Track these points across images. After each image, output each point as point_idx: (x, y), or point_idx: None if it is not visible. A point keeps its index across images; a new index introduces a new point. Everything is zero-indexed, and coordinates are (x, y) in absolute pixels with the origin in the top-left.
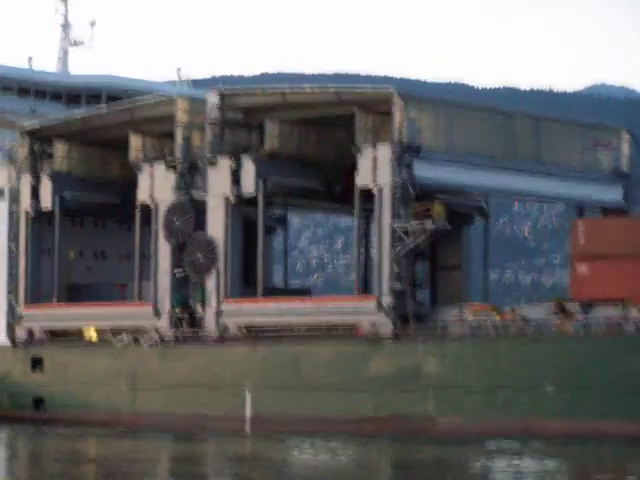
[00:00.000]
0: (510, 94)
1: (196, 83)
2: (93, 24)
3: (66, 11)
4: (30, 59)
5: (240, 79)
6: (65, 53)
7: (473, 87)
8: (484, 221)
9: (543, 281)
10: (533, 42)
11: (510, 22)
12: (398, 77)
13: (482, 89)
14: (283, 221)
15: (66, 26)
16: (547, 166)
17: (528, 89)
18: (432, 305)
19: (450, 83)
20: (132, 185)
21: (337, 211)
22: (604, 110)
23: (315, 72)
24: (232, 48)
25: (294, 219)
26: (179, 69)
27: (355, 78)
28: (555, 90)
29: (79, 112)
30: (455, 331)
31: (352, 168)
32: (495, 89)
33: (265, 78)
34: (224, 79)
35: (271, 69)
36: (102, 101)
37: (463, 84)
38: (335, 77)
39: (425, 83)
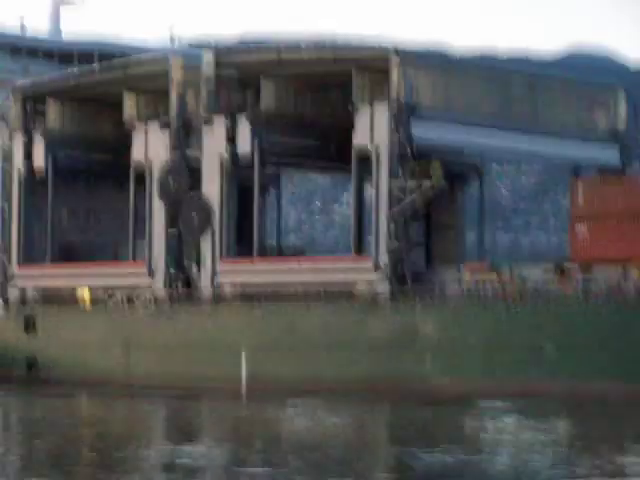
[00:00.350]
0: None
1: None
2: None
3: None
4: (22, 18)
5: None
6: (57, 12)
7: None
8: (478, 180)
9: (521, 241)
10: (510, 4)
11: None
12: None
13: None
14: (276, 181)
15: None
16: (543, 125)
17: (506, 57)
18: (427, 265)
19: (427, 48)
20: (125, 144)
21: (332, 170)
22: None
23: (295, 35)
24: (210, 8)
25: None
26: (172, 27)
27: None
28: (534, 58)
29: (72, 70)
30: (453, 291)
31: (348, 128)
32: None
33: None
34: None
35: (250, 30)
36: (95, 60)
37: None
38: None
39: (401, 45)
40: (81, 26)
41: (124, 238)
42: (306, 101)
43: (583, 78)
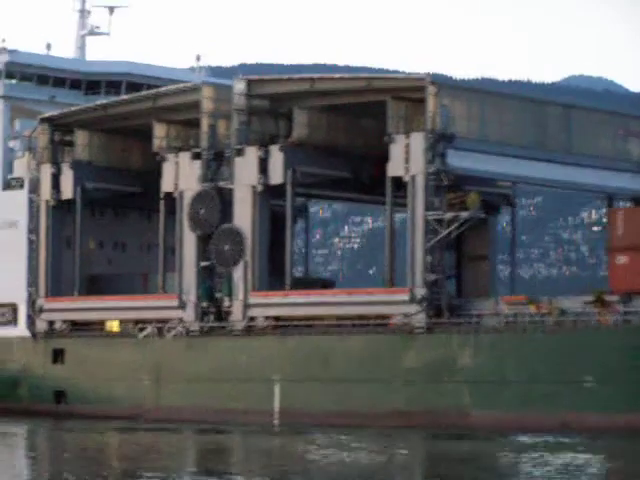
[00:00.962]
0: (489, 85)
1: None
2: (111, 11)
3: None
4: (49, 46)
5: (217, 69)
6: (82, 40)
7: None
8: (511, 210)
9: (521, 274)
10: (511, 34)
11: (487, 15)
12: (376, 68)
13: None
14: (304, 211)
15: (84, 12)
16: (577, 155)
17: (507, 80)
18: (457, 296)
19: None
20: (153, 174)
21: (364, 201)
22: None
23: (294, 62)
24: (211, 37)
25: None
26: (199, 56)
27: (334, 69)
28: (534, 81)
29: (101, 100)
30: (490, 323)
31: (380, 157)
32: (474, 80)
33: (244, 68)
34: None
35: (250, 60)
36: (122, 89)
37: (442, 75)
38: (314, 67)
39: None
40: (106, 55)
41: (152, 270)
42: (338, 131)
43: (617, 108)
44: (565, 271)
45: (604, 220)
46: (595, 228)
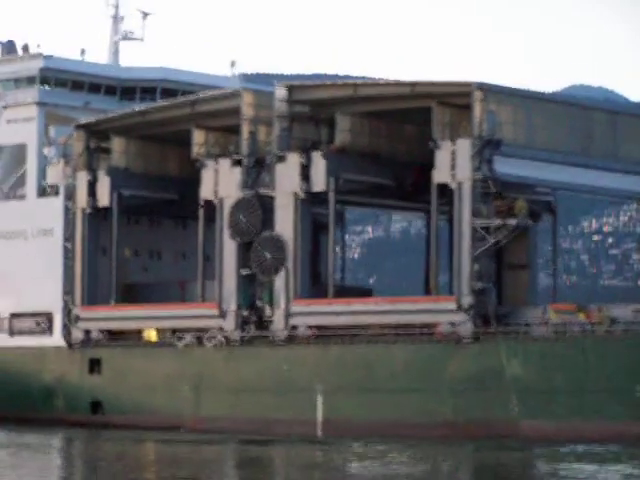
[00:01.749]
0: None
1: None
2: (145, 16)
3: (117, 3)
4: (83, 51)
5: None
6: (116, 46)
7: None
8: (552, 218)
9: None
10: (510, 42)
11: (485, 23)
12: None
13: None
14: (340, 219)
15: (117, 18)
16: (623, 162)
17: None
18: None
19: None
20: (189, 181)
21: (404, 208)
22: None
23: (293, 72)
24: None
25: None
26: (233, 62)
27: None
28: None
29: (135, 106)
30: (539, 331)
31: (423, 164)
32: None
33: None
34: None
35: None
36: (157, 95)
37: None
38: (314, 77)
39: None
40: (139, 61)
41: (188, 278)
42: (380, 137)
43: None
44: (565, 280)
45: (604, 229)
46: (595, 237)
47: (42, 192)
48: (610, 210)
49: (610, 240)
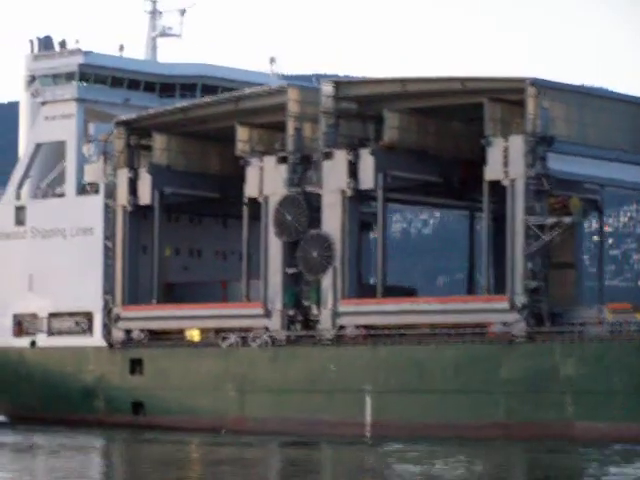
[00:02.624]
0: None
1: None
2: (183, 12)
3: None
4: (121, 47)
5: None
6: (154, 42)
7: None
8: (598, 216)
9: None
10: (512, 45)
11: (484, 22)
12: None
13: None
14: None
15: (155, 14)
16: None
17: None
18: None
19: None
20: (230, 179)
21: (452, 207)
22: None
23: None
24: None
25: None
26: (272, 59)
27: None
28: None
29: (175, 103)
30: (594, 331)
31: (470, 161)
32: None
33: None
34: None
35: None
36: (197, 92)
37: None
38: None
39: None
40: (176, 57)
41: (229, 277)
42: (428, 133)
43: None
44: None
45: (605, 229)
46: (595, 238)
47: (81, 190)
48: (610, 211)
49: (610, 241)
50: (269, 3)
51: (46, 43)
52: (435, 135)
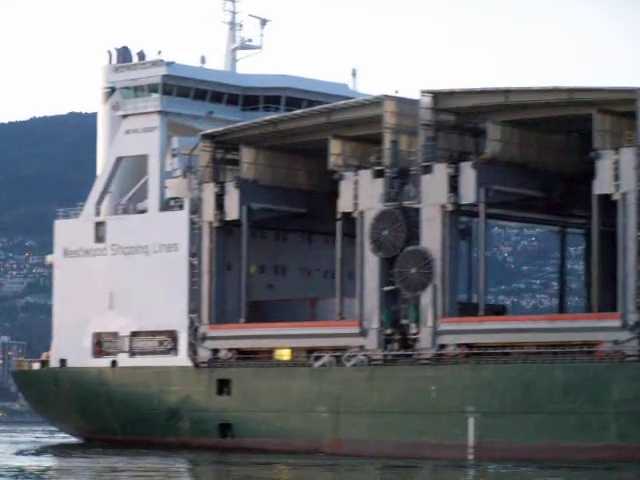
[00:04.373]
0: None
1: None
2: (263, 23)
3: (234, 9)
4: (203, 59)
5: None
6: (233, 54)
7: None
8: None
9: (523, 304)
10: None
11: (484, 29)
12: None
13: None
14: (468, 232)
15: (234, 25)
16: None
17: None
18: None
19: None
20: (317, 194)
21: (548, 222)
22: None
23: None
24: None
25: None
26: (354, 71)
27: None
28: None
29: (263, 116)
30: None
31: (571, 175)
32: None
33: None
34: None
35: None
36: (281, 105)
37: None
38: None
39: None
40: (257, 69)
41: (314, 295)
42: (529, 146)
43: None
44: (567, 301)
45: None
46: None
47: (164, 205)
48: None
49: None
50: (346, 16)
51: (124, 54)
52: (536, 148)
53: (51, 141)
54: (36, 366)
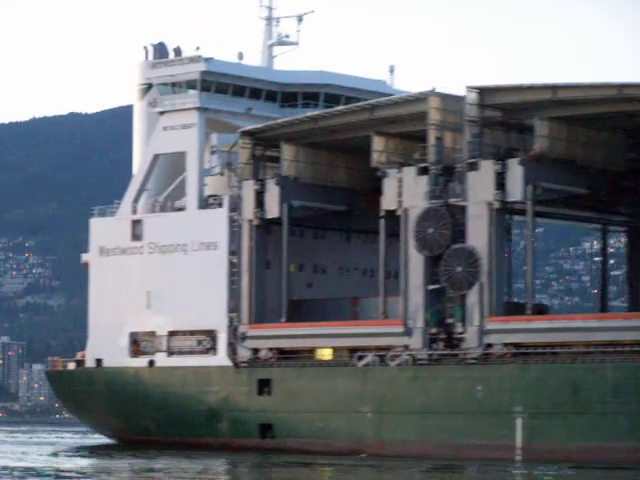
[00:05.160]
0: None
1: None
2: (300, 19)
3: (271, 5)
4: (240, 55)
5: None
6: (270, 50)
7: None
8: None
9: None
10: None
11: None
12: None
13: None
14: (507, 231)
15: (271, 21)
16: None
17: None
18: None
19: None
20: (357, 191)
21: (592, 221)
22: None
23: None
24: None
25: None
26: (392, 67)
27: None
28: None
29: (302, 113)
30: None
31: (618, 172)
32: None
33: None
34: None
35: None
36: (320, 101)
37: None
38: None
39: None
40: (293, 64)
41: (354, 294)
42: (577, 143)
43: None
44: (567, 301)
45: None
46: (597, 258)
47: (203, 203)
48: None
49: (612, 261)
50: (381, 13)
51: (160, 50)
52: (584, 145)
53: (51, 141)
54: (71, 366)
